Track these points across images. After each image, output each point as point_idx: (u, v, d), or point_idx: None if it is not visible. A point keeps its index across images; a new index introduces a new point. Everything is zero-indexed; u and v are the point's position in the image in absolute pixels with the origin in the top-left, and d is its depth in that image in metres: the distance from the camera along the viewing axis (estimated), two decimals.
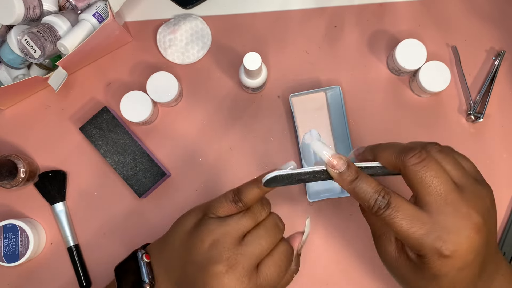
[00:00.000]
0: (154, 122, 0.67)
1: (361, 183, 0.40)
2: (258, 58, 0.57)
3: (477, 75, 0.68)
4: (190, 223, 0.46)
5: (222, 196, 0.46)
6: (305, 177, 0.43)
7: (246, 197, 0.45)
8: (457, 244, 0.38)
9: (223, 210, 0.45)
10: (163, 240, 0.49)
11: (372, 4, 0.69)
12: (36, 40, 0.57)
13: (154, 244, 0.50)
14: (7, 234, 0.61)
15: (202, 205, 0.47)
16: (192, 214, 0.47)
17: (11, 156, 0.61)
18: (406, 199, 0.40)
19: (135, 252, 0.49)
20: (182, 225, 0.47)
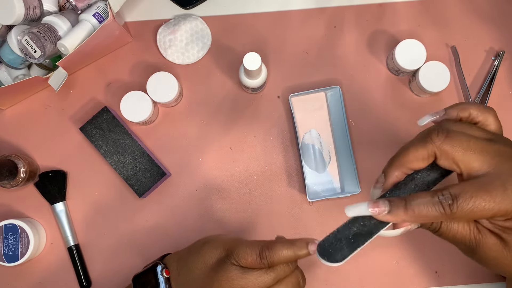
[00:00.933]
0: (154, 122, 0.67)
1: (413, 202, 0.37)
2: (258, 58, 0.57)
3: (477, 75, 0.68)
4: (213, 258, 0.46)
5: (250, 246, 0.44)
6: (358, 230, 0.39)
7: (275, 257, 0.43)
8: None
9: (246, 262, 0.44)
10: (184, 260, 0.49)
11: (372, 4, 0.70)
12: (36, 40, 0.57)
13: (173, 258, 0.50)
14: (8, 234, 0.61)
15: (229, 241, 0.46)
16: (218, 247, 0.46)
17: (11, 156, 0.61)
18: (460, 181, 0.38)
19: (154, 265, 0.49)
20: (204, 256, 0.46)
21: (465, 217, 0.36)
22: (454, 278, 0.64)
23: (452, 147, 0.38)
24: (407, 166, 0.40)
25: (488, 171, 0.37)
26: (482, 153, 0.37)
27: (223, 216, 0.65)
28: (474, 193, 0.36)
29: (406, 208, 0.37)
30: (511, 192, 0.36)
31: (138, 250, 0.65)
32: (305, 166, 0.65)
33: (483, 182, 0.36)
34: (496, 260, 0.38)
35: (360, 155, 0.66)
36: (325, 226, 0.65)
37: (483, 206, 0.35)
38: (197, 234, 0.65)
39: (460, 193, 0.36)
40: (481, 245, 0.38)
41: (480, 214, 0.36)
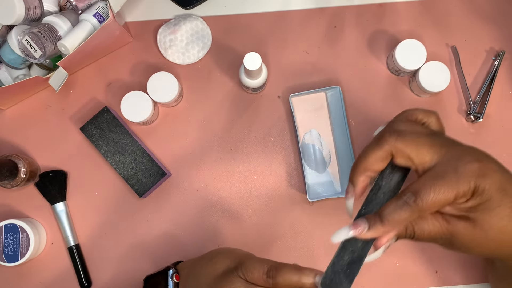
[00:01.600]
0: (154, 122, 0.67)
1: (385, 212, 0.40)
2: (258, 58, 0.57)
3: (477, 75, 0.68)
4: (222, 267, 0.46)
5: (259, 262, 0.45)
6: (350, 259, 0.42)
7: (280, 279, 0.43)
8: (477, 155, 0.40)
9: (252, 276, 0.44)
10: (194, 266, 0.49)
11: (372, 4, 0.70)
12: (37, 40, 0.58)
13: (186, 264, 0.51)
14: (8, 234, 0.61)
15: (241, 254, 0.47)
16: (229, 258, 0.47)
17: (12, 156, 0.61)
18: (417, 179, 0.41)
19: (166, 268, 0.50)
20: (215, 264, 0.47)
21: (432, 207, 0.39)
22: (454, 278, 0.64)
23: (404, 145, 0.41)
24: (369, 169, 0.43)
25: (438, 161, 0.40)
26: (431, 146, 0.41)
27: (223, 216, 0.66)
28: (431, 183, 0.39)
29: (382, 220, 0.40)
30: (462, 174, 0.39)
31: (138, 250, 0.65)
32: (306, 166, 0.65)
33: (436, 172, 0.40)
34: (473, 242, 0.41)
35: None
36: (325, 226, 0.65)
37: (443, 192, 0.38)
38: (197, 234, 0.65)
39: (419, 188, 0.39)
40: (455, 234, 0.41)
41: (443, 201, 0.39)
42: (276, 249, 0.65)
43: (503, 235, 0.40)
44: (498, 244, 0.41)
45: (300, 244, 0.65)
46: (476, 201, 0.39)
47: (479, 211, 0.39)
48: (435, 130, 0.45)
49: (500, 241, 0.40)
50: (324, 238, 0.65)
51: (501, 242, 0.41)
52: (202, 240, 0.65)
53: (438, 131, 0.45)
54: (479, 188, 0.39)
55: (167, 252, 0.65)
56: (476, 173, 0.39)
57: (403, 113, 0.46)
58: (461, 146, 0.42)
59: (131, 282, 0.64)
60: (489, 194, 0.39)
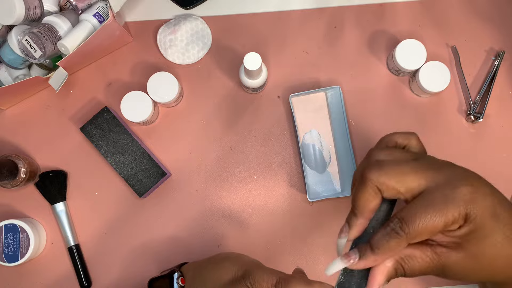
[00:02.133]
0: (154, 122, 0.67)
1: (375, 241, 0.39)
2: (258, 59, 0.57)
3: (477, 75, 0.68)
4: (229, 275, 0.46)
5: (268, 273, 0.44)
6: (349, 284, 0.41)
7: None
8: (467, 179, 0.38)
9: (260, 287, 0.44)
10: (200, 270, 0.49)
11: (372, 4, 0.70)
12: (37, 40, 0.58)
13: (190, 267, 0.51)
14: (8, 234, 0.61)
15: (248, 263, 0.47)
16: (236, 265, 0.46)
17: (12, 156, 0.61)
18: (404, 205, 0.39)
19: (171, 272, 0.50)
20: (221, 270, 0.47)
21: (420, 234, 0.37)
22: None
23: (387, 177, 0.39)
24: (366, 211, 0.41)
25: (426, 186, 0.38)
26: (415, 172, 0.39)
27: (223, 216, 0.66)
28: (418, 210, 0.37)
29: (372, 249, 0.39)
30: (452, 200, 0.36)
31: (138, 250, 0.65)
32: (306, 166, 0.65)
33: (424, 198, 0.38)
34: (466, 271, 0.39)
35: (360, 155, 0.66)
36: (325, 226, 0.65)
37: (430, 219, 0.36)
38: (197, 234, 0.65)
39: (406, 214, 0.37)
40: (447, 266, 0.39)
41: (432, 228, 0.37)
42: (276, 249, 0.65)
43: (496, 261, 0.38)
44: (492, 271, 0.39)
45: (300, 244, 0.65)
46: (468, 228, 0.37)
47: (472, 239, 0.38)
48: (417, 153, 0.43)
49: (493, 267, 0.39)
50: (324, 238, 0.65)
51: (495, 269, 0.39)
52: (202, 240, 0.65)
53: (420, 153, 0.44)
54: (471, 215, 0.37)
55: (167, 252, 0.65)
56: (467, 198, 0.37)
57: (381, 140, 0.45)
58: (449, 168, 0.40)
59: (131, 281, 0.64)
60: (481, 221, 0.37)
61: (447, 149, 0.66)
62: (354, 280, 0.41)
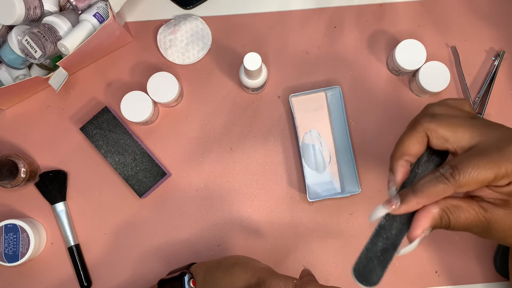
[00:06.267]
0: (154, 122, 0.67)
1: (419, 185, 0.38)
2: (258, 59, 0.57)
3: (477, 75, 0.68)
4: (241, 281, 0.45)
5: (284, 280, 0.44)
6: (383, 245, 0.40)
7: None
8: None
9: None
10: (211, 274, 0.49)
11: (372, 4, 0.70)
12: (37, 40, 0.58)
13: (200, 268, 0.50)
14: (8, 234, 0.61)
15: (261, 270, 0.46)
16: (248, 272, 0.46)
17: (12, 156, 0.61)
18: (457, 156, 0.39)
19: (182, 274, 0.49)
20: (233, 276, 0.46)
21: (469, 184, 0.37)
22: (454, 278, 0.64)
23: (439, 125, 0.39)
24: (406, 154, 0.41)
25: (478, 141, 0.38)
26: (468, 127, 0.39)
27: (223, 216, 0.66)
28: (471, 159, 0.37)
29: (415, 192, 0.38)
30: (506, 153, 0.37)
31: (138, 250, 0.65)
32: (305, 166, 0.65)
33: (477, 149, 0.38)
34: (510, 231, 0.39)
35: (360, 155, 0.66)
36: (325, 226, 0.65)
37: (482, 169, 0.36)
38: (197, 234, 0.65)
39: (458, 162, 0.37)
40: (493, 221, 0.39)
41: (482, 179, 0.36)
42: (276, 249, 0.65)
43: None
44: None
45: (300, 244, 0.65)
46: None
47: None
48: (471, 114, 0.42)
49: None
50: (324, 238, 0.65)
51: None
52: (202, 240, 0.65)
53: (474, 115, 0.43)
54: None
55: (167, 252, 0.65)
56: None
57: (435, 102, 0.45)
58: (504, 128, 0.40)
59: (131, 281, 0.64)
60: None
61: None
62: (396, 225, 0.40)
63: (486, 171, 0.36)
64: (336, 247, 0.65)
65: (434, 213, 0.38)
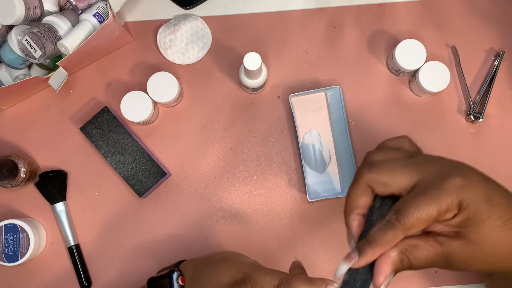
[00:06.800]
0: (154, 122, 0.67)
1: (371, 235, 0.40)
2: (258, 58, 0.57)
3: (477, 75, 0.68)
4: (227, 278, 0.45)
5: (269, 275, 0.44)
6: None
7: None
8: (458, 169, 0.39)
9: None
10: (198, 270, 0.49)
11: (372, 4, 0.70)
12: (37, 40, 0.58)
13: (189, 265, 0.50)
14: (8, 233, 0.61)
15: (247, 265, 0.46)
16: (234, 268, 0.46)
17: (12, 156, 0.61)
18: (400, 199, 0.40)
19: (171, 271, 0.49)
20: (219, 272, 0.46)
21: (415, 224, 0.38)
22: (454, 278, 0.64)
23: (377, 173, 0.41)
24: (355, 207, 0.43)
25: (418, 180, 0.39)
26: (407, 167, 0.40)
27: (223, 216, 0.66)
28: (412, 200, 0.38)
29: (370, 243, 0.39)
30: (444, 188, 0.38)
31: (138, 250, 0.65)
32: (305, 166, 0.65)
33: (417, 189, 0.39)
34: (470, 260, 0.40)
35: (360, 155, 0.66)
36: (325, 226, 0.65)
37: (424, 207, 0.37)
38: (197, 234, 0.65)
39: (401, 206, 0.38)
40: (451, 254, 0.39)
41: (426, 217, 0.37)
42: (276, 249, 0.65)
43: (498, 247, 0.39)
44: (495, 257, 0.39)
45: (300, 244, 0.65)
46: (464, 216, 0.38)
47: (469, 226, 0.38)
48: (411, 151, 0.44)
49: (496, 253, 0.39)
50: (324, 238, 0.65)
51: (498, 255, 0.39)
52: (202, 240, 0.65)
53: (414, 151, 0.45)
54: (464, 202, 0.37)
55: (167, 252, 0.65)
56: (458, 186, 0.37)
57: (377, 146, 0.47)
58: (441, 161, 0.41)
59: (131, 281, 0.64)
60: (476, 206, 0.37)
61: (446, 149, 0.66)
62: (359, 277, 0.41)
63: (428, 209, 0.37)
64: (336, 247, 0.65)
65: (394, 257, 0.40)
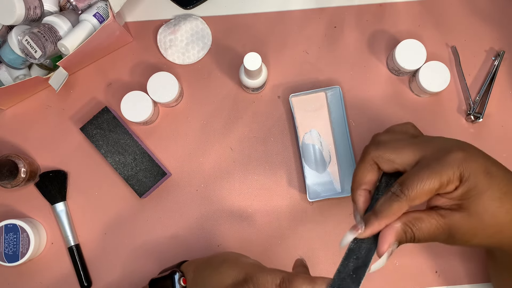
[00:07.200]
0: (154, 122, 0.67)
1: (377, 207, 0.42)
2: (258, 59, 0.57)
3: (477, 75, 0.68)
4: (229, 279, 0.45)
5: (271, 274, 0.44)
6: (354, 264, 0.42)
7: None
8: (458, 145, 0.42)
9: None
10: (200, 272, 0.49)
11: (372, 4, 0.70)
12: (37, 40, 0.58)
13: (190, 266, 0.51)
14: (8, 234, 0.61)
15: (249, 265, 0.46)
16: (236, 269, 0.46)
17: (12, 156, 0.61)
18: None
19: (172, 272, 0.50)
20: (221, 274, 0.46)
21: (420, 195, 0.40)
22: (454, 278, 0.64)
23: (384, 151, 0.44)
24: (361, 183, 0.45)
25: (421, 156, 0.42)
26: (410, 146, 0.43)
27: (223, 216, 0.66)
28: (415, 173, 0.41)
29: (376, 215, 0.42)
30: (445, 162, 0.40)
31: (138, 250, 0.65)
32: (305, 166, 0.65)
33: (420, 163, 0.42)
34: (471, 231, 0.42)
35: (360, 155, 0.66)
36: (326, 226, 0.65)
37: (427, 179, 0.40)
38: (197, 234, 0.65)
39: (405, 179, 0.41)
40: (453, 226, 0.42)
41: (429, 189, 0.40)
42: (276, 249, 0.65)
43: (498, 218, 0.41)
44: (495, 229, 0.42)
45: (300, 244, 0.65)
46: (465, 188, 0.40)
47: (470, 198, 0.40)
48: (414, 134, 0.48)
49: (496, 225, 0.41)
50: (324, 238, 0.65)
51: (498, 227, 0.41)
52: (202, 240, 0.65)
53: (417, 134, 0.48)
54: (465, 174, 0.40)
55: (167, 252, 0.65)
56: (459, 160, 0.40)
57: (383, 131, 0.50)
58: (442, 139, 0.44)
59: (131, 281, 0.64)
60: (476, 178, 0.40)
61: None
62: (364, 246, 0.43)
63: (430, 181, 0.40)
64: (336, 247, 0.65)
65: (397, 228, 0.42)
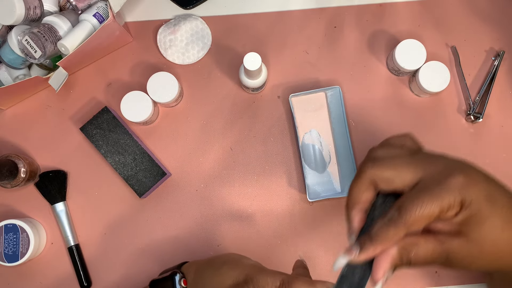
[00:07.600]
0: (154, 122, 0.67)
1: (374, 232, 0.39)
2: (258, 59, 0.57)
3: (477, 75, 0.68)
4: (230, 280, 0.45)
5: (271, 276, 0.44)
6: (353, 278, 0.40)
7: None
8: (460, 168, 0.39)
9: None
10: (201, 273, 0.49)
11: (372, 4, 0.70)
12: (37, 40, 0.58)
13: (191, 267, 0.50)
14: (8, 234, 0.61)
15: (249, 267, 0.46)
16: (237, 270, 0.46)
17: (12, 156, 0.61)
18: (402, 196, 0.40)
19: (173, 273, 0.49)
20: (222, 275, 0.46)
21: (417, 222, 0.38)
22: (454, 278, 0.64)
23: (381, 169, 0.41)
24: (357, 202, 0.42)
25: (421, 176, 0.39)
26: (409, 165, 0.40)
27: (223, 216, 0.66)
28: (414, 197, 0.38)
29: (371, 240, 0.39)
30: (446, 186, 0.38)
31: (138, 250, 0.65)
32: (305, 166, 0.65)
33: (420, 185, 0.39)
34: (469, 258, 0.39)
35: (360, 155, 0.66)
36: (325, 226, 0.65)
37: (426, 206, 0.37)
38: (197, 234, 0.65)
39: (403, 202, 0.38)
40: (450, 252, 0.39)
41: (428, 215, 0.37)
42: (276, 249, 0.65)
43: (498, 246, 0.39)
44: (494, 256, 0.39)
45: (300, 244, 0.65)
46: (465, 214, 0.38)
47: (471, 224, 0.38)
48: (413, 149, 0.45)
49: (496, 253, 0.39)
50: (324, 238, 0.65)
51: (497, 254, 0.39)
52: (202, 240, 0.65)
53: (416, 149, 0.45)
54: (466, 200, 0.37)
55: (167, 252, 0.65)
56: (460, 185, 0.37)
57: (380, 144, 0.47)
58: (444, 159, 0.41)
59: (131, 281, 0.64)
60: (478, 205, 0.38)
61: (446, 149, 0.65)
62: (357, 271, 0.40)
63: (430, 206, 0.37)
64: (336, 247, 0.65)
65: (393, 254, 0.39)
